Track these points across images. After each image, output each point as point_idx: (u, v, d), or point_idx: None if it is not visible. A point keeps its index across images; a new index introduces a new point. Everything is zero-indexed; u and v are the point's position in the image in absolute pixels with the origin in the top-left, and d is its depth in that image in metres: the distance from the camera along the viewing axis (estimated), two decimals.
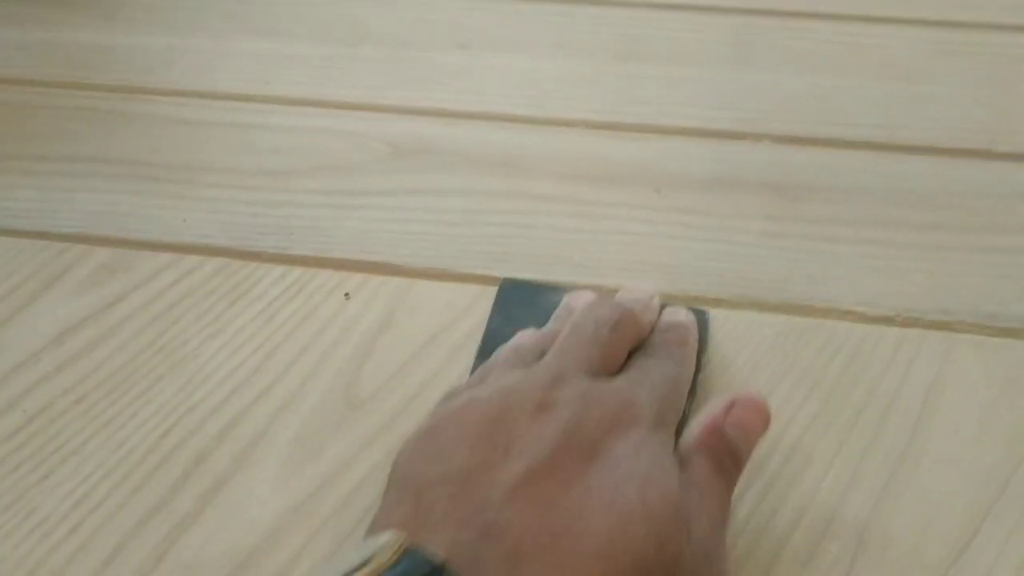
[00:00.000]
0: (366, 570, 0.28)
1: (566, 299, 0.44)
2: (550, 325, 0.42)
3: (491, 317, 0.46)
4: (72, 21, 0.70)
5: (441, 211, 0.53)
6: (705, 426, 0.35)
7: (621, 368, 0.39)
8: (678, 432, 0.36)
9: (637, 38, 0.68)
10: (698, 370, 0.42)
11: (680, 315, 0.43)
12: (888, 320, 0.46)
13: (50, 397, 0.44)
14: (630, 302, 0.42)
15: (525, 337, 0.41)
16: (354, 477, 0.40)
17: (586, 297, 0.44)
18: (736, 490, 0.35)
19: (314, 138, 0.59)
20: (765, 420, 0.36)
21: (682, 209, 0.53)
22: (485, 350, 0.43)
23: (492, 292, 0.48)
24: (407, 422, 0.42)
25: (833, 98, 0.62)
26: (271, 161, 0.57)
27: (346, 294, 0.48)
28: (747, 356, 0.45)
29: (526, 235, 0.52)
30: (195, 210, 0.53)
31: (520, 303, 0.46)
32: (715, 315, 0.46)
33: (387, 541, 0.30)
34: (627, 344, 0.40)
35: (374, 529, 0.32)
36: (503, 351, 0.41)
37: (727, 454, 0.35)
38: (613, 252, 0.50)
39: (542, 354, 0.39)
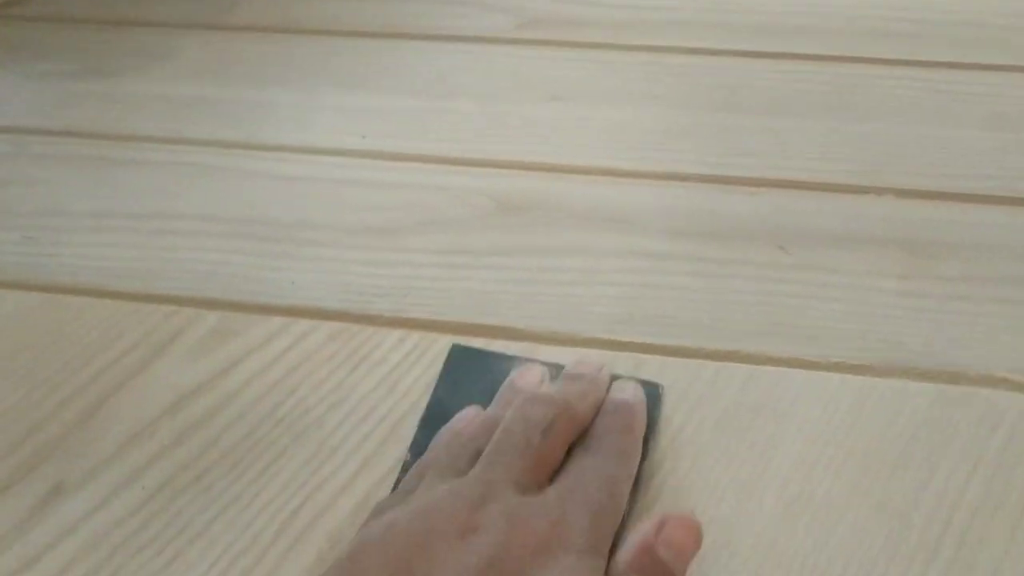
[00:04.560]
0: None
1: (512, 376, 0.43)
2: (492, 408, 0.41)
3: (438, 385, 0.44)
4: (161, 73, 0.69)
5: (557, 271, 0.51)
6: (637, 546, 0.34)
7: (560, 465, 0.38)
8: (617, 538, 0.35)
9: (733, 87, 0.66)
10: (644, 456, 0.40)
11: (627, 393, 0.41)
12: None
13: (170, 472, 0.42)
14: (573, 385, 0.41)
15: (465, 421, 0.41)
16: None
17: (532, 376, 0.43)
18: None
19: (415, 193, 0.57)
20: (697, 538, 0.34)
21: (811, 267, 0.51)
22: (429, 421, 0.42)
23: (618, 357, 0.46)
24: None
25: (945, 149, 0.60)
26: (375, 218, 0.55)
27: None
28: (900, 429, 0.42)
29: (648, 296, 0.50)
30: (303, 271, 0.52)
31: (469, 371, 0.44)
32: (862, 384, 0.44)
33: None
34: (563, 444, 0.38)
35: None
36: (442, 436, 0.40)
37: (660, 574, 0.33)
38: (744, 315, 0.48)
39: (477, 453, 0.38)
